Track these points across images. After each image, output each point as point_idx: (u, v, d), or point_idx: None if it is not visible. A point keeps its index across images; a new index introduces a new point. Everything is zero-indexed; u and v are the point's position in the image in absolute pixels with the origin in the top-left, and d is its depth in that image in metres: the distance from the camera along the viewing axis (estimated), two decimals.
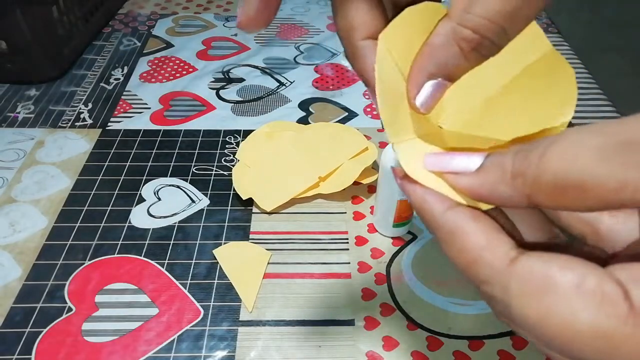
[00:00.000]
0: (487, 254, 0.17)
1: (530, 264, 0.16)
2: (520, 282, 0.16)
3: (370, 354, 0.38)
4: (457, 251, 0.17)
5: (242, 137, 0.58)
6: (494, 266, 0.16)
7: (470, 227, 0.17)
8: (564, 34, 0.79)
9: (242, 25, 0.20)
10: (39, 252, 0.45)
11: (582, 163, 0.14)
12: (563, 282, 0.15)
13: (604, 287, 0.15)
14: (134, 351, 0.38)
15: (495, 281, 0.16)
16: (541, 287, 0.15)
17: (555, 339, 0.15)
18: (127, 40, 0.77)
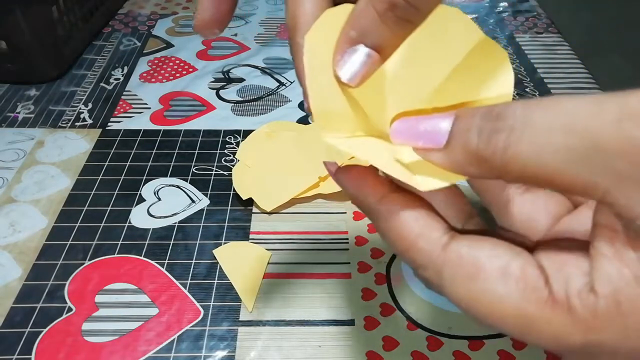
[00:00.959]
0: (421, 241, 0.18)
1: (459, 249, 0.17)
2: (451, 267, 0.17)
3: (370, 354, 0.38)
4: (394, 238, 0.18)
5: (242, 137, 0.58)
6: (428, 253, 0.17)
7: (405, 215, 0.18)
8: (564, 34, 0.79)
9: (197, 29, 0.21)
10: (39, 252, 0.45)
11: (551, 161, 0.14)
12: (490, 268, 0.16)
13: (527, 273, 0.16)
14: (134, 351, 0.38)
15: (430, 266, 0.18)
16: (470, 273, 0.17)
17: (484, 319, 0.17)
18: (127, 40, 0.77)
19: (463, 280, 0.17)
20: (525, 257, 0.17)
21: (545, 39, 0.78)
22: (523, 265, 0.16)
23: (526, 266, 0.16)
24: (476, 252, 0.17)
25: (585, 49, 0.80)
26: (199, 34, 0.21)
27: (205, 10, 0.21)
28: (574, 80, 0.68)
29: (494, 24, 0.81)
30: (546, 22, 0.82)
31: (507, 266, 0.16)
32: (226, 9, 0.21)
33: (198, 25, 0.21)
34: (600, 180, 0.14)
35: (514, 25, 0.81)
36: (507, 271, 0.16)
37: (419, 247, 0.18)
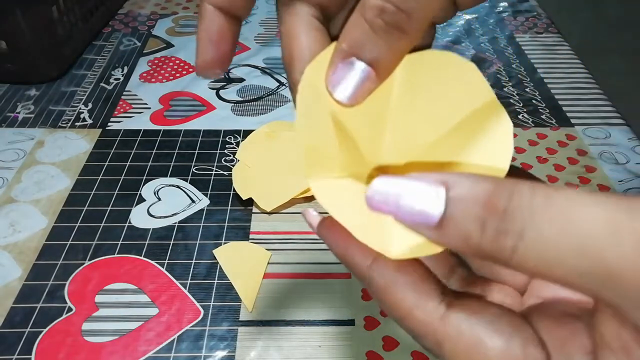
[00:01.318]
0: (417, 312, 0.17)
1: (459, 324, 0.17)
2: (451, 342, 0.17)
3: (370, 354, 0.38)
4: (390, 307, 0.18)
5: (242, 137, 0.58)
6: (425, 324, 0.17)
7: (398, 284, 0.17)
8: (564, 34, 0.79)
9: (199, 71, 0.20)
10: (39, 252, 0.45)
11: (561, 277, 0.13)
12: (491, 347, 0.16)
13: (529, 353, 0.16)
14: (134, 351, 0.38)
15: (429, 337, 0.17)
16: (471, 351, 0.16)
17: None
18: (127, 40, 0.77)
19: (465, 357, 0.16)
20: (525, 334, 0.16)
21: (545, 39, 0.78)
22: (524, 344, 0.16)
23: (527, 345, 0.16)
24: (475, 329, 0.16)
25: (585, 49, 0.80)
26: (201, 76, 0.20)
27: (205, 52, 0.20)
28: (574, 80, 0.68)
29: (494, 24, 0.81)
30: (546, 22, 0.82)
31: (509, 346, 0.16)
32: (227, 49, 0.20)
33: (200, 67, 0.20)
34: (614, 301, 0.13)
35: (514, 25, 0.81)
36: (509, 352, 0.16)
37: (415, 318, 0.17)
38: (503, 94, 0.65)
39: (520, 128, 0.60)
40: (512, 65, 0.71)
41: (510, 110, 0.62)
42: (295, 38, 0.19)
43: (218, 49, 0.20)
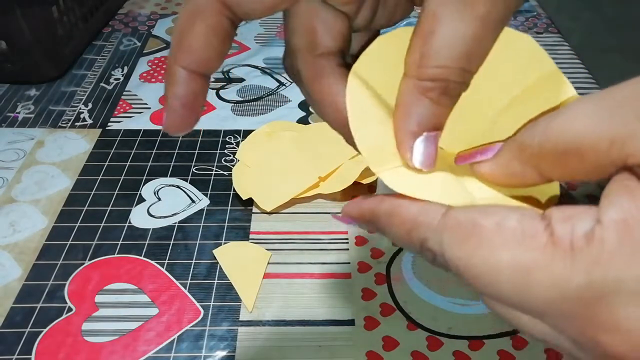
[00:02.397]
0: (421, 217, 0.18)
1: (457, 215, 0.17)
2: (450, 231, 0.17)
3: (370, 354, 0.38)
4: (397, 227, 0.18)
5: (242, 137, 0.58)
6: (427, 224, 0.17)
7: (404, 202, 0.18)
8: (564, 34, 0.79)
9: (167, 130, 0.20)
10: (39, 252, 0.45)
11: (577, 128, 0.15)
12: (485, 224, 0.16)
13: (525, 223, 0.15)
14: (134, 351, 0.38)
15: (430, 236, 0.17)
16: (466, 232, 0.16)
17: (478, 278, 0.16)
18: (127, 40, 0.77)
19: (460, 241, 0.16)
20: (525, 211, 0.16)
21: (545, 39, 0.77)
22: (521, 217, 0.16)
23: (524, 217, 0.16)
24: (473, 214, 0.16)
25: (585, 49, 0.80)
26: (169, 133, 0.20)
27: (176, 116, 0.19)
28: (574, 80, 0.68)
29: None
30: (546, 22, 0.82)
31: (504, 219, 0.16)
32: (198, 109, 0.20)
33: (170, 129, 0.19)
34: (618, 131, 0.14)
35: (514, 25, 0.81)
36: (503, 223, 0.16)
37: (419, 222, 0.18)
38: None
39: None
40: None
41: None
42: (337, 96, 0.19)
43: (192, 110, 0.19)
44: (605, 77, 0.72)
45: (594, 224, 0.14)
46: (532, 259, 0.15)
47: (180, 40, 0.18)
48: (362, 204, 0.20)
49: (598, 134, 0.14)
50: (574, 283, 0.14)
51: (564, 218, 0.15)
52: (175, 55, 0.18)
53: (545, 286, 0.15)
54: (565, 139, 0.15)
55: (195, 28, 0.18)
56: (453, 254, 0.17)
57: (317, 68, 0.20)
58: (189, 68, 0.18)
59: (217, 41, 0.18)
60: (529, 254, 0.15)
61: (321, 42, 0.20)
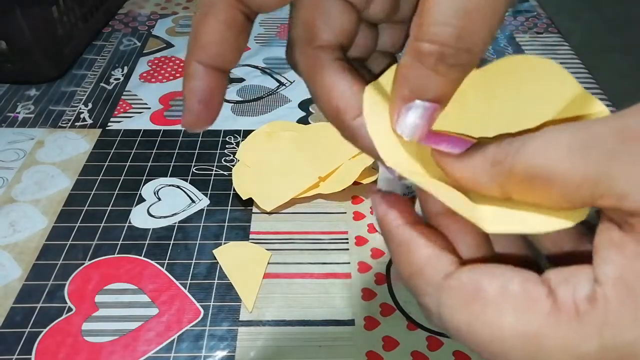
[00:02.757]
0: (428, 268, 0.17)
1: (460, 276, 0.16)
2: (450, 293, 0.16)
3: (370, 354, 0.38)
4: (403, 263, 0.18)
5: (242, 137, 0.58)
6: (430, 279, 0.17)
7: (419, 242, 0.18)
8: (564, 34, 0.79)
9: (185, 127, 0.19)
10: (39, 252, 0.45)
11: (551, 157, 0.14)
12: (488, 289, 0.16)
13: (528, 288, 0.15)
14: (134, 351, 0.38)
15: (429, 292, 0.17)
16: (469, 296, 0.16)
17: (484, 345, 0.16)
18: (127, 40, 0.77)
19: (462, 305, 0.16)
20: (527, 274, 0.16)
21: (545, 39, 0.77)
22: (523, 281, 0.15)
23: (527, 282, 0.15)
24: (476, 276, 0.16)
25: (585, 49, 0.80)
26: (188, 130, 0.20)
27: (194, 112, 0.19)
28: None
29: None
30: (546, 22, 0.82)
31: (507, 284, 0.15)
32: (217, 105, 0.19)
33: (189, 125, 0.19)
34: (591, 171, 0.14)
35: (514, 25, 0.81)
36: (507, 290, 0.15)
37: (424, 274, 0.17)
38: None
39: None
40: None
41: None
42: (334, 90, 0.19)
43: (208, 107, 0.19)
44: (605, 77, 0.72)
45: (593, 285, 0.14)
46: (539, 325, 0.15)
47: (195, 36, 0.18)
48: (387, 215, 0.19)
49: (569, 169, 0.14)
50: (585, 348, 0.14)
51: (563, 280, 0.15)
52: (191, 51, 0.18)
53: (556, 352, 0.14)
54: (536, 166, 0.15)
55: (209, 23, 0.18)
56: (453, 317, 0.16)
57: (313, 60, 0.19)
58: (205, 63, 0.18)
59: (231, 35, 0.18)
60: (535, 319, 0.15)
61: (319, 35, 0.19)
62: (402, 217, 0.19)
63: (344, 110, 0.19)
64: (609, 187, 0.14)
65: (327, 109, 0.19)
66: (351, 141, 0.19)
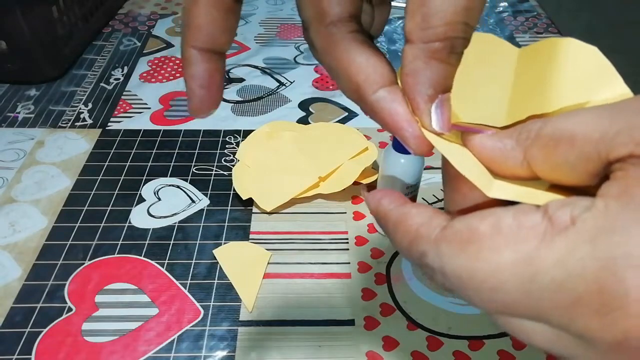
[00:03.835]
0: (423, 229, 0.17)
1: (454, 224, 0.17)
2: (448, 242, 0.16)
3: (370, 354, 0.38)
4: (401, 235, 0.18)
5: (242, 137, 0.58)
6: (428, 238, 0.17)
7: (412, 212, 0.18)
8: (564, 34, 0.79)
9: (192, 113, 0.20)
10: (39, 252, 0.45)
11: (576, 121, 0.15)
12: (482, 228, 0.16)
13: (520, 218, 0.15)
14: (134, 351, 0.38)
15: (430, 250, 0.17)
16: (465, 239, 0.16)
17: (484, 284, 0.15)
18: (127, 40, 0.77)
19: (459, 251, 0.16)
20: (521, 206, 0.16)
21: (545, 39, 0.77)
22: (516, 214, 0.15)
23: (520, 213, 0.15)
24: (469, 220, 0.16)
25: None
26: (195, 116, 0.21)
27: (198, 97, 0.20)
28: None
29: (494, 24, 0.81)
30: (546, 22, 0.82)
31: (500, 219, 0.15)
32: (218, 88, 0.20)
33: (195, 111, 0.20)
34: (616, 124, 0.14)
35: (514, 25, 0.81)
36: (500, 225, 0.15)
37: (421, 234, 0.17)
38: None
39: None
40: None
41: None
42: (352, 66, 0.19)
43: (210, 90, 0.20)
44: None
45: (595, 200, 0.14)
46: (533, 247, 0.14)
47: (186, 22, 0.19)
48: (380, 202, 0.20)
49: (592, 126, 0.15)
50: (577, 256, 0.13)
51: (562, 204, 0.15)
52: (186, 36, 0.19)
53: (548, 269, 0.14)
54: (562, 128, 0.15)
55: (197, 7, 0.18)
56: (453, 266, 0.16)
57: (328, 37, 0.19)
58: (199, 47, 0.19)
59: (220, 16, 0.19)
60: (529, 243, 0.14)
61: (329, 10, 0.19)
62: (393, 201, 0.19)
63: (363, 86, 0.19)
64: (629, 135, 0.14)
65: (347, 87, 0.19)
66: (371, 116, 0.19)
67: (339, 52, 0.19)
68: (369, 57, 0.19)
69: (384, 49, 0.75)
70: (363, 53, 0.19)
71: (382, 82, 0.19)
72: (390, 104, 0.18)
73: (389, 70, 0.19)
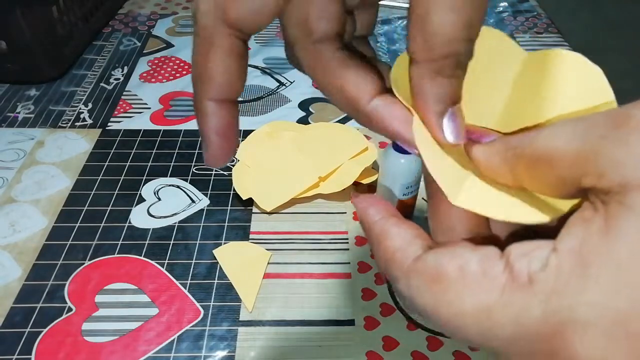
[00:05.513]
0: (399, 254, 0.18)
1: (426, 258, 0.17)
2: (417, 276, 0.17)
3: (370, 354, 0.38)
4: (380, 252, 0.19)
5: (242, 137, 0.58)
6: (401, 265, 0.18)
7: (393, 232, 0.19)
8: (564, 34, 0.79)
9: (210, 164, 0.20)
10: (39, 252, 0.45)
11: (554, 142, 0.15)
12: (450, 269, 0.16)
13: (485, 266, 0.16)
14: (134, 351, 0.38)
15: (401, 278, 0.18)
16: (432, 278, 0.17)
17: (447, 323, 0.16)
18: (127, 40, 0.77)
19: (426, 287, 0.17)
20: (487, 251, 0.16)
21: (545, 39, 0.77)
22: (481, 259, 0.16)
23: (485, 259, 0.16)
24: (440, 258, 0.17)
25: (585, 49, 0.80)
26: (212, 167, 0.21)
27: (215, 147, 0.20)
28: None
29: (494, 24, 0.81)
30: (546, 22, 0.82)
31: (466, 263, 0.16)
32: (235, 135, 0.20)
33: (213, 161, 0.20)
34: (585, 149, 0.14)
35: (514, 25, 0.81)
36: (466, 268, 0.16)
37: (395, 259, 0.18)
38: None
39: None
40: None
41: None
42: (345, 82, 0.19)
43: (228, 138, 0.20)
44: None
45: (550, 253, 0.15)
46: (493, 299, 0.15)
47: (200, 73, 0.19)
48: (367, 211, 0.20)
49: (566, 148, 0.15)
50: (532, 316, 0.14)
51: (522, 253, 0.15)
52: (200, 89, 0.19)
53: (505, 324, 0.15)
54: (541, 149, 0.16)
55: (210, 57, 0.18)
56: (420, 299, 0.17)
57: (316, 55, 0.19)
58: (216, 98, 0.19)
59: (234, 64, 0.18)
60: (490, 295, 0.15)
61: (316, 29, 0.19)
62: (379, 212, 0.20)
63: (357, 98, 0.19)
64: (593, 165, 0.14)
65: (340, 101, 0.20)
66: (368, 125, 0.20)
67: (329, 68, 0.19)
68: (358, 70, 0.19)
69: (384, 49, 0.75)
70: (352, 67, 0.19)
71: (374, 92, 0.19)
72: (387, 110, 0.19)
73: (378, 79, 0.19)
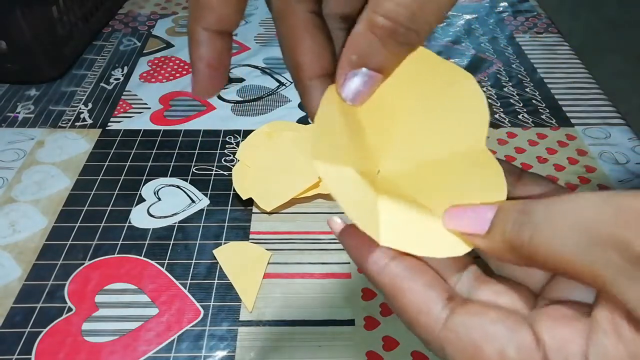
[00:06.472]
0: (422, 317, 0.18)
1: (457, 329, 0.17)
2: (452, 347, 0.18)
3: (370, 354, 0.38)
4: (399, 310, 0.19)
5: (242, 137, 0.58)
6: (428, 330, 0.18)
7: (405, 289, 0.19)
8: (564, 34, 0.79)
9: (196, 93, 0.20)
10: (39, 252, 0.45)
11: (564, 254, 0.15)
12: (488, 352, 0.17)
13: (523, 355, 0.16)
14: (134, 351, 0.38)
15: (432, 342, 0.18)
16: (471, 355, 0.17)
17: None
18: (127, 40, 0.77)
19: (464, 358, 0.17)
20: (522, 337, 0.17)
21: (545, 39, 0.78)
22: (519, 348, 0.17)
23: (523, 349, 0.17)
24: (473, 335, 0.17)
25: (585, 49, 0.80)
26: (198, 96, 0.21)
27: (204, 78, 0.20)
28: (574, 80, 0.68)
29: (494, 24, 0.81)
30: (546, 22, 0.82)
31: (505, 350, 0.17)
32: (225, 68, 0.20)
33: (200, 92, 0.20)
34: (602, 272, 0.15)
35: (514, 25, 0.81)
36: (505, 353, 0.17)
37: (420, 323, 0.18)
38: (503, 94, 0.65)
39: (520, 128, 0.60)
40: (512, 66, 0.71)
41: (510, 111, 0.62)
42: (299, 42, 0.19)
43: (217, 70, 0.20)
44: (605, 77, 0.72)
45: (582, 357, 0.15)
46: None
47: (197, 1, 0.19)
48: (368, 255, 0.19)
49: (581, 265, 0.15)
50: None
51: (557, 346, 0.16)
52: (195, 17, 0.19)
53: None
54: (552, 258, 0.16)
55: None
56: None
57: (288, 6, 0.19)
58: (210, 28, 0.19)
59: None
60: None
61: None
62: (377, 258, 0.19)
63: (303, 68, 0.20)
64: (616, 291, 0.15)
65: (288, 60, 0.20)
66: (301, 98, 0.20)
67: (293, 25, 0.19)
68: (318, 43, 0.19)
69: None
70: (313, 37, 0.19)
71: (319, 72, 0.19)
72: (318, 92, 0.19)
73: (329, 63, 0.19)
